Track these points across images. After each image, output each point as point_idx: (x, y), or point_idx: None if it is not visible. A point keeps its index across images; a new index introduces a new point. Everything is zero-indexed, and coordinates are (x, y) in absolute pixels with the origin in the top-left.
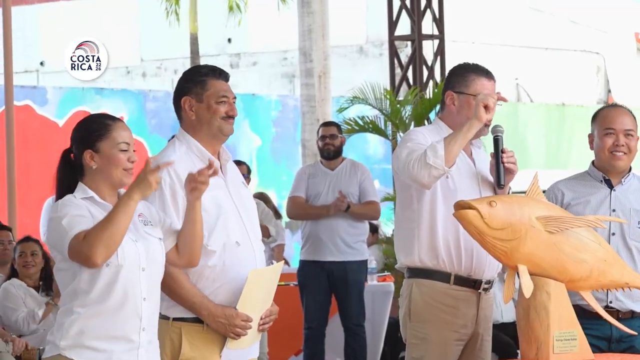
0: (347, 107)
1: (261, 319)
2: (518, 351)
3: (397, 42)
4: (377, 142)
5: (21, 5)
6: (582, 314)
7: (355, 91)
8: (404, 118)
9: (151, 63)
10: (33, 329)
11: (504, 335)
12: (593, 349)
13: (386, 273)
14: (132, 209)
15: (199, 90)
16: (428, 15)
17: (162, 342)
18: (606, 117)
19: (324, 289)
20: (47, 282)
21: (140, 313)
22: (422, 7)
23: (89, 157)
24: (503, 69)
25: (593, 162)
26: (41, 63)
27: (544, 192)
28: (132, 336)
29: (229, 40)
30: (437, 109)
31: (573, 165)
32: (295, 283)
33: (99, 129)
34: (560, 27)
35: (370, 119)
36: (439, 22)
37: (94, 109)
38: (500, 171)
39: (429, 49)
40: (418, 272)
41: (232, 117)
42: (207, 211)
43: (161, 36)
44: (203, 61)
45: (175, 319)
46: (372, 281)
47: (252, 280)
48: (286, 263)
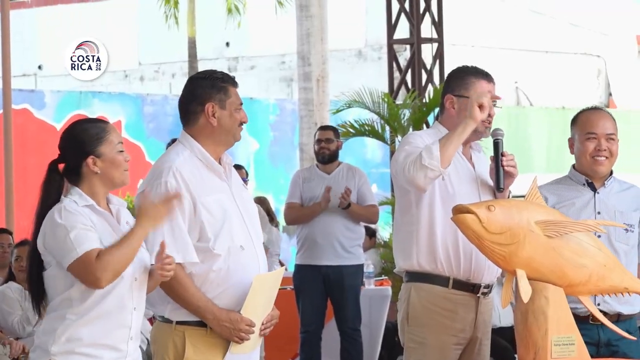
0: (343, 109)
1: (263, 323)
2: (516, 355)
3: (396, 46)
4: (375, 146)
5: (19, 9)
6: None
7: (352, 94)
8: (402, 122)
9: (149, 67)
10: (29, 332)
11: (501, 340)
12: None
13: (383, 277)
14: (142, 239)
15: (222, 97)
16: (427, 19)
17: (165, 346)
18: (587, 121)
19: (320, 293)
20: None
21: (130, 323)
22: (421, 11)
23: (92, 162)
24: (503, 72)
25: (574, 166)
26: (39, 67)
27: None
28: (120, 345)
29: (227, 44)
30: (436, 112)
31: None
32: (291, 287)
33: (97, 133)
34: (560, 30)
35: (369, 122)
36: (437, 25)
37: (92, 112)
38: (500, 174)
39: (427, 52)
40: (417, 276)
41: (243, 124)
42: (213, 215)
43: (159, 40)
44: (201, 65)
45: (178, 323)
46: (369, 285)
47: (256, 285)
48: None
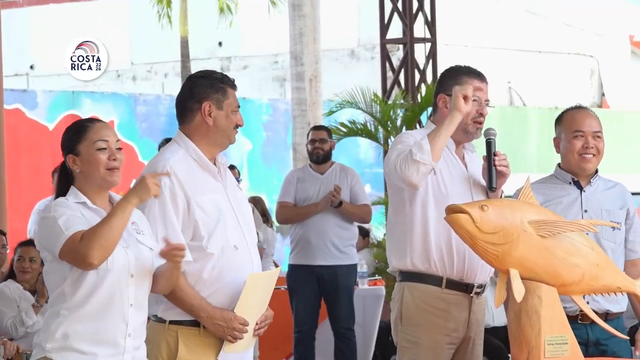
0: (336, 111)
1: (257, 323)
2: (509, 355)
3: (388, 46)
4: (368, 146)
5: (11, 8)
6: None
7: (345, 95)
8: (395, 122)
9: (141, 67)
10: (22, 334)
11: (495, 339)
12: None
13: (377, 277)
14: (129, 213)
15: (220, 97)
16: (420, 19)
17: (158, 345)
18: (573, 120)
19: (313, 293)
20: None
21: (127, 319)
22: (414, 10)
23: (72, 161)
24: (496, 72)
25: (559, 165)
26: (31, 66)
27: (511, 196)
28: (117, 341)
29: (220, 44)
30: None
31: None
32: (285, 287)
33: (77, 132)
34: (554, 30)
35: (361, 122)
36: (431, 25)
37: (84, 112)
38: (493, 174)
39: (421, 52)
40: (410, 276)
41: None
42: (207, 214)
43: (151, 40)
44: (193, 65)
45: (171, 322)
46: (363, 285)
47: (250, 284)
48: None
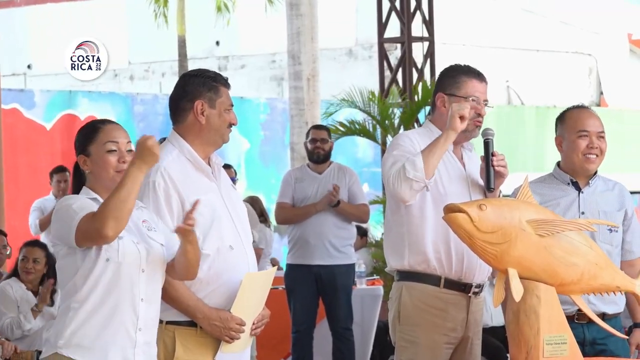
0: (334, 112)
1: (253, 323)
2: (508, 355)
3: (386, 45)
4: (367, 145)
5: (8, 7)
6: None
7: (343, 94)
8: (393, 121)
9: (139, 66)
10: (17, 336)
11: (493, 339)
12: None
13: (375, 277)
14: (139, 180)
15: (212, 96)
16: (418, 17)
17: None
18: (578, 120)
19: (311, 293)
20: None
21: (137, 313)
22: (412, 9)
23: (83, 161)
24: (494, 71)
25: (558, 164)
26: (28, 66)
27: (509, 196)
28: (128, 335)
29: (217, 43)
30: (427, 111)
31: None
32: (282, 287)
33: (88, 132)
34: (551, 28)
35: (359, 122)
36: (428, 24)
37: (82, 112)
38: (491, 174)
39: (418, 51)
40: (408, 275)
41: (232, 126)
42: (202, 215)
43: (149, 39)
44: (191, 64)
45: (168, 323)
46: (361, 285)
47: (246, 283)
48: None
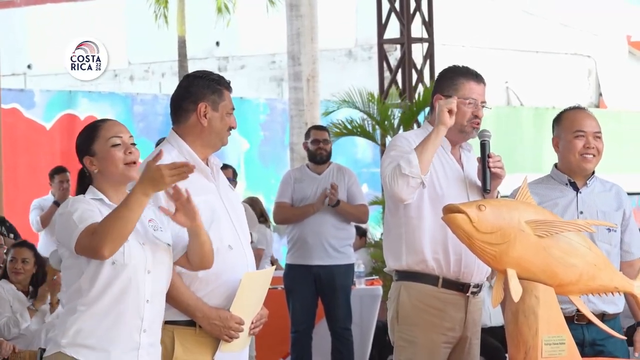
0: (333, 111)
1: (252, 322)
2: (506, 355)
3: (386, 46)
4: (366, 145)
5: (8, 8)
6: None
7: (342, 95)
8: (392, 121)
9: (139, 66)
10: (14, 335)
11: (492, 339)
12: None
13: (374, 277)
14: (144, 205)
15: (216, 99)
16: (417, 19)
17: None
18: (575, 120)
19: (310, 293)
20: (37, 288)
21: (142, 314)
22: (412, 10)
23: (89, 162)
24: (493, 72)
25: (556, 165)
26: (28, 66)
27: (508, 197)
28: (132, 336)
29: (217, 44)
30: (427, 112)
31: None
32: (282, 287)
33: (89, 132)
34: (551, 30)
35: (359, 122)
36: (428, 25)
37: (82, 112)
38: (487, 176)
39: (418, 52)
40: (406, 275)
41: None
42: (201, 215)
43: (149, 39)
44: (191, 64)
45: (167, 322)
46: (360, 285)
47: (245, 283)
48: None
